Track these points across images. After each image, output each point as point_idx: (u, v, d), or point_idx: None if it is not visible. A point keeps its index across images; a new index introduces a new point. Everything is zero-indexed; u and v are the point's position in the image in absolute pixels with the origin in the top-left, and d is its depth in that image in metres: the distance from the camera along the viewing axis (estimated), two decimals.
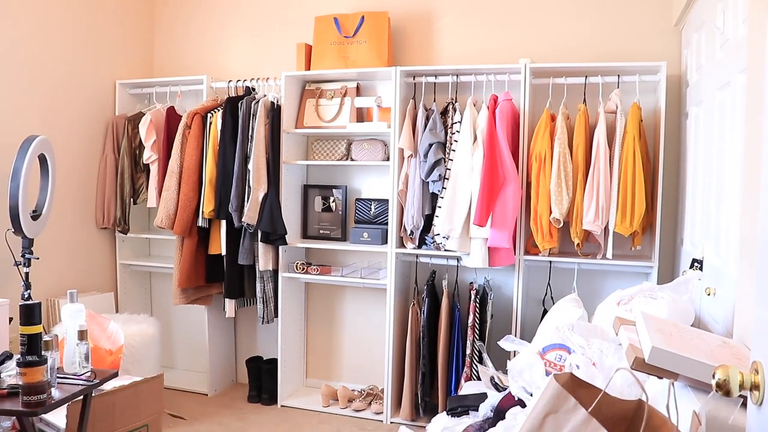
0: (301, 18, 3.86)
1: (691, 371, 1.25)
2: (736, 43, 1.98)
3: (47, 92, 3.55)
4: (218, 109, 3.62)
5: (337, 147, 3.67)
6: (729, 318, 1.84)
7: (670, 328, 1.47)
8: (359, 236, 3.56)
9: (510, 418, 1.82)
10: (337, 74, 3.61)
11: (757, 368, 0.92)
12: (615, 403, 1.23)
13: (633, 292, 2.14)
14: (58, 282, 3.58)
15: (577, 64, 3.22)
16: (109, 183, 3.89)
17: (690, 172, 2.83)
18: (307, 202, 3.84)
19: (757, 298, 1.00)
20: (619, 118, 3.01)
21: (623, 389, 1.39)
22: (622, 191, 2.95)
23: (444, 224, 3.18)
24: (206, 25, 4.18)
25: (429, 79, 3.46)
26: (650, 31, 3.31)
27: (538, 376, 1.85)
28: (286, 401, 3.73)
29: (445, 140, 3.28)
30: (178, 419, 3.43)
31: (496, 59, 3.49)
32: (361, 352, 3.86)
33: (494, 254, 3.21)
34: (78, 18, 3.74)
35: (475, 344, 3.22)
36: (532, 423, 1.19)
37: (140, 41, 4.25)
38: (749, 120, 1.61)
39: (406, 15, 3.72)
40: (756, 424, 0.93)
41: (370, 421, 3.50)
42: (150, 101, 4.06)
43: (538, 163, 3.10)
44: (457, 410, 2.25)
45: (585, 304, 2.63)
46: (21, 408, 1.94)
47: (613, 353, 1.72)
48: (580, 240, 3.09)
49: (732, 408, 1.11)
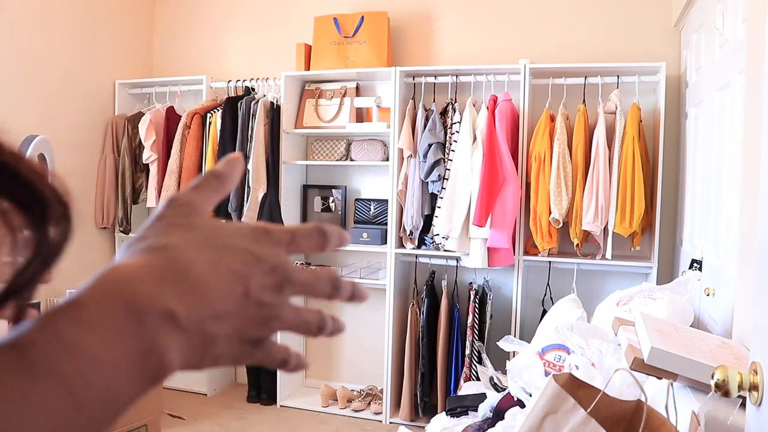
0: (301, 18, 3.86)
1: (690, 372, 1.25)
2: (736, 44, 1.99)
3: (47, 92, 3.55)
4: (218, 109, 3.62)
5: (336, 147, 3.67)
6: (728, 318, 1.84)
7: (670, 328, 1.47)
8: (359, 236, 3.56)
9: (509, 418, 1.82)
10: (336, 74, 3.61)
11: (756, 369, 0.92)
12: (614, 403, 1.23)
13: (632, 293, 2.14)
14: (58, 282, 3.57)
15: (577, 64, 3.22)
16: (108, 183, 3.88)
17: (689, 173, 2.83)
18: (306, 203, 3.84)
19: (756, 298, 1.00)
20: (618, 118, 3.01)
21: (622, 389, 1.39)
22: (621, 192, 2.95)
23: (443, 224, 3.18)
24: (206, 25, 4.18)
25: (428, 79, 3.46)
26: (650, 31, 3.31)
27: (538, 376, 1.85)
28: (286, 401, 3.73)
29: (444, 140, 3.29)
30: (178, 419, 3.42)
31: (495, 59, 3.49)
32: (361, 353, 3.86)
33: (493, 254, 3.21)
34: (77, 18, 3.73)
35: (475, 344, 3.22)
36: (531, 423, 1.19)
37: (140, 41, 4.25)
38: (748, 121, 1.62)
39: (406, 15, 3.72)
40: (755, 425, 0.93)
41: (369, 422, 3.50)
42: (149, 101, 4.06)
43: (537, 164, 3.10)
44: (457, 410, 2.25)
45: (584, 305, 2.63)
46: None
47: (612, 354, 1.72)
48: (579, 240, 3.09)
49: (731, 408, 1.11)
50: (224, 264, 0.35)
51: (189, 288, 0.34)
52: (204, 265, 0.35)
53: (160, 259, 0.34)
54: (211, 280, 0.34)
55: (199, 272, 0.34)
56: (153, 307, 0.32)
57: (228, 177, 0.40)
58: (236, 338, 0.36)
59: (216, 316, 0.34)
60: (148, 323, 0.32)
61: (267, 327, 0.37)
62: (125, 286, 0.32)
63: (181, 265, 0.34)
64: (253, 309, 0.36)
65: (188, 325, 0.33)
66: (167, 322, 0.32)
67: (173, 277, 0.33)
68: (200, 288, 0.34)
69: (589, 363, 1.68)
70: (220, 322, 0.35)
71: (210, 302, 0.34)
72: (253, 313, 0.36)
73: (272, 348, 0.38)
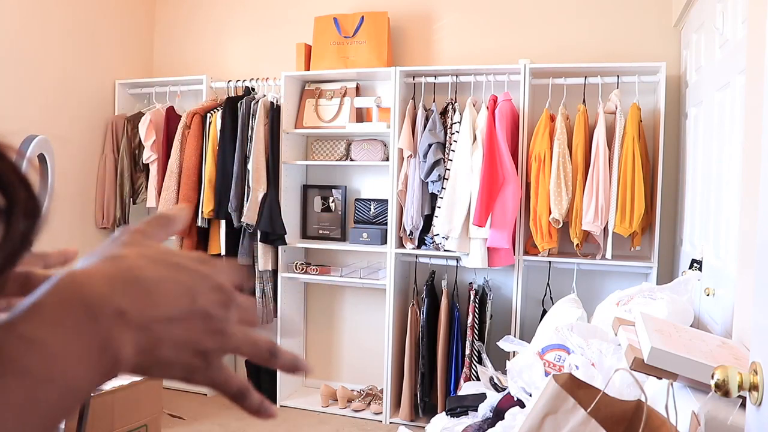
0: (301, 18, 3.86)
1: (690, 372, 1.25)
2: (736, 44, 1.99)
3: (47, 92, 3.54)
4: (218, 109, 3.62)
5: (336, 147, 3.67)
6: (728, 318, 1.84)
7: (670, 328, 1.47)
8: (359, 236, 3.56)
9: (509, 418, 1.82)
10: (336, 74, 3.61)
11: (756, 369, 0.92)
12: (614, 403, 1.23)
13: (632, 293, 2.14)
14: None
15: (577, 64, 3.22)
16: (108, 183, 3.88)
17: (689, 173, 2.83)
18: (306, 202, 3.84)
19: (756, 298, 1.00)
20: (618, 118, 3.01)
21: (622, 389, 1.39)
22: (621, 192, 2.96)
23: (443, 224, 3.18)
24: (206, 25, 4.18)
25: (428, 79, 3.46)
26: (650, 31, 3.31)
27: (538, 376, 1.85)
28: (286, 401, 3.73)
29: (444, 140, 3.29)
30: (177, 419, 3.42)
31: (495, 59, 3.49)
32: (361, 353, 3.86)
33: (493, 254, 3.21)
34: (77, 18, 3.73)
35: (475, 344, 3.22)
36: (531, 423, 1.19)
37: (140, 41, 4.24)
38: (748, 121, 1.62)
39: (406, 15, 3.72)
40: (755, 425, 0.93)
41: (369, 422, 3.50)
42: (149, 101, 4.06)
43: (537, 164, 3.10)
44: (456, 411, 2.25)
45: (584, 305, 2.63)
46: None
47: (612, 354, 1.72)
48: (579, 240, 3.09)
49: (731, 408, 1.11)
50: (172, 276, 0.38)
51: (139, 291, 0.36)
52: (153, 274, 0.37)
53: (113, 266, 0.37)
54: (160, 286, 0.37)
55: (149, 279, 0.37)
56: (106, 305, 0.34)
57: (176, 219, 0.45)
58: (185, 347, 0.38)
59: (165, 319, 0.37)
60: (102, 320, 0.34)
61: (215, 340, 0.39)
62: (80, 287, 0.34)
63: (132, 272, 0.37)
64: (200, 319, 0.38)
65: (139, 323, 0.35)
66: (119, 319, 0.35)
67: (124, 280, 0.36)
68: (149, 292, 0.37)
69: (589, 363, 1.68)
70: (168, 326, 0.37)
71: (158, 305, 0.37)
72: (200, 323, 0.38)
73: (226, 372, 0.40)
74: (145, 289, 0.36)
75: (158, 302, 0.37)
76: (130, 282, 0.36)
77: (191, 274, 0.39)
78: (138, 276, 0.37)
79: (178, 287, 0.38)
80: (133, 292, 0.36)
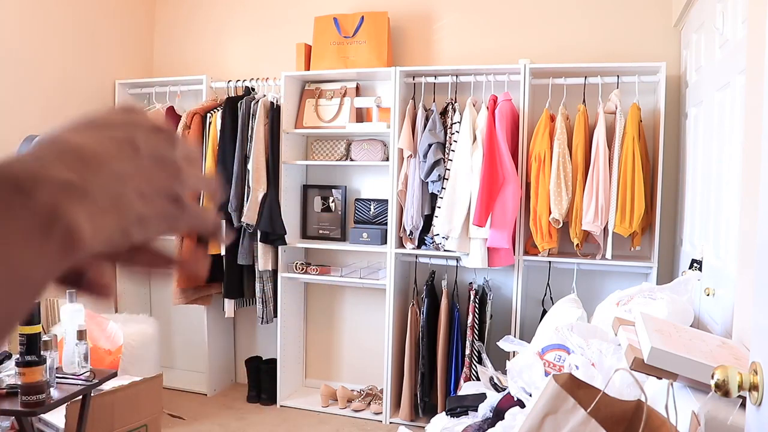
0: (301, 18, 3.86)
1: (690, 372, 1.25)
2: (736, 44, 1.99)
3: (47, 92, 3.54)
4: (218, 109, 3.62)
5: (336, 147, 3.67)
6: (728, 318, 1.84)
7: (670, 328, 1.47)
8: (359, 236, 3.56)
9: (509, 418, 1.82)
10: (336, 74, 3.61)
11: (756, 369, 0.92)
12: (614, 403, 1.23)
13: (632, 293, 2.15)
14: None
15: (577, 64, 3.22)
16: None
17: (689, 173, 2.84)
18: (306, 202, 3.84)
19: (756, 298, 1.00)
20: (618, 118, 3.01)
21: (622, 389, 1.39)
22: (621, 192, 2.96)
23: (443, 224, 3.18)
24: (206, 25, 4.18)
25: (428, 79, 3.46)
26: (650, 31, 3.31)
27: (538, 376, 1.85)
28: (286, 401, 3.73)
29: (444, 140, 3.28)
30: (178, 419, 3.43)
31: (495, 59, 3.49)
32: (361, 353, 3.86)
33: (493, 254, 3.21)
34: (77, 18, 3.73)
35: (475, 344, 3.22)
36: (531, 423, 1.19)
37: (140, 41, 4.24)
38: (748, 121, 1.62)
39: (406, 15, 3.72)
40: (755, 425, 0.93)
41: (369, 422, 3.50)
42: (149, 101, 4.06)
43: (537, 164, 3.10)
44: (456, 411, 2.25)
45: (584, 305, 2.63)
46: (20, 408, 1.94)
47: (612, 354, 1.72)
48: (579, 240, 3.09)
49: (731, 408, 1.11)
50: (104, 135, 0.36)
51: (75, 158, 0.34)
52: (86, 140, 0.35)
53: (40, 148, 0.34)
54: (97, 148, 0.35)
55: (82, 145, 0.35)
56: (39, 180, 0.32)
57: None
58: (151, 193, 0.36)
59: (115, 176, 0.35)
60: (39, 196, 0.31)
61: (175, 178, 0.38)
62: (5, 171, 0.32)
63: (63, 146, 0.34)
64: (152, 163, 0.37)
65: (89, 187, 0.33)
66: (64, 192, 0.32)
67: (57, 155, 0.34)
68: (88, 156, 0.34)
69: (589, 363, 1.68)
70: (123, 181, 0.35)
71: (102, 164, 0.34)
72: (154, 167, 0.37)
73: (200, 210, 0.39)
74: (82, 155, 0.34)
75: (101, 161, 0.34)
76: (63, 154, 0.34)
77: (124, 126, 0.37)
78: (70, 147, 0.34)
79: (114, 142, 0.36)
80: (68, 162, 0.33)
